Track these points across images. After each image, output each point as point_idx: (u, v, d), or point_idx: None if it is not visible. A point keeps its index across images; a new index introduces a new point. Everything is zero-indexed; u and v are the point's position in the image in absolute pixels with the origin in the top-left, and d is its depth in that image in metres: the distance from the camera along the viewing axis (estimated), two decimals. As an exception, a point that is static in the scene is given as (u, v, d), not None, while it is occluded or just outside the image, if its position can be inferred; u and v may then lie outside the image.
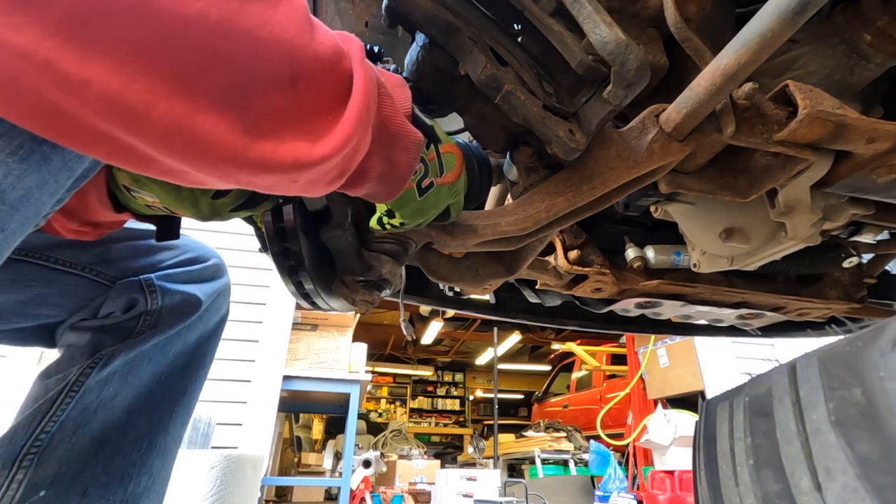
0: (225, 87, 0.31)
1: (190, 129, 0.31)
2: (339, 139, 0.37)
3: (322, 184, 0.40)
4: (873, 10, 0.62)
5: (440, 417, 12.07)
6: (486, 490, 4.21)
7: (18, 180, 0.36)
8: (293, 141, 0.35)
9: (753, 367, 4.04)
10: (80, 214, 0.60)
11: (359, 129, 0.38)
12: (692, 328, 1.41)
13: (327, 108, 0.37)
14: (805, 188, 0.67)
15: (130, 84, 0.28)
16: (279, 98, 0.34)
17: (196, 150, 0.32)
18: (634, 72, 0.50)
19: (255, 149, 0.33)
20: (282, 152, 0.34)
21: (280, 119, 0.34)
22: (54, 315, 0.75)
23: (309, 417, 6.54)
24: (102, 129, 0.30)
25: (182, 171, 0.34)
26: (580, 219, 0.66)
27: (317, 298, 0.65)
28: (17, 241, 0.39)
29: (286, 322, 3.50)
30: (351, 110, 0.37)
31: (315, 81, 0.35)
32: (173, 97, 0.30)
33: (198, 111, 0.30)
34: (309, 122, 0.36)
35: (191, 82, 0.30)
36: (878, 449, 0.52)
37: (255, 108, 0.33)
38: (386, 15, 0.54)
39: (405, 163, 0.47)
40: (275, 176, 0.35)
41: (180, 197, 0.54)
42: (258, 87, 0.33)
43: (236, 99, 0.32)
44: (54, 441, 0.64)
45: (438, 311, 6.73)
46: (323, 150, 0.36)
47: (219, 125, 0.31)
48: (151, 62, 0.29)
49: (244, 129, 0.32)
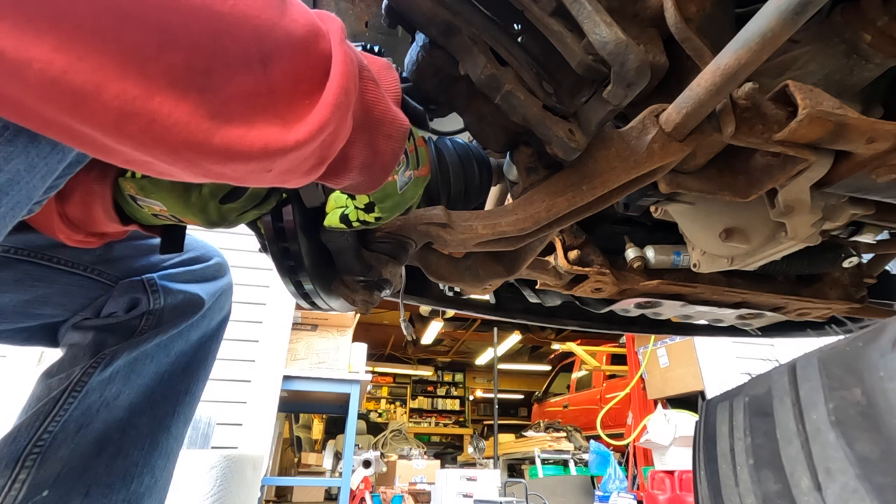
0: (185, 67, 0.29)
1: (146, 112, 0.28)
2: (315, 124, 0.34)
3: (299, 173, 0.37)
4: (873, 10, 0.62)
5: (440, 417, 12.07)
6: (486, 490, 4.20)
7: (5, 163, 0.35)
8: (264, 126, 0.32)
9: (753, 367, 4.04)
10: (86, 226, 0.60)
11: (336, 114, 0.35)
12: (692, 328, 1.41)
13: (303, 92, 0.34)
14: (805, 188, 0.67)
15: (76, 63, 0.26)
16: (248, 80, 0.31)
17: (154, 136, 0.29)
18: (634, 72, 0.50)
19: (220, 135, 0.30)
20: (251, 138, 0.32)
21: (250, 103, 0.32)
22: (57, 314, 0.75)
23: (309, 417, 6.54)
24: (48, 116, 0.27)
25: (144, 162, 0.31)
26: (580, 219, 0.66)
27: (316, 298, 0.65)
28: (8, 226, 0.37)
29: (286, 322, 3.50)
30: (328, 93, 0.35)
31: (288, 63, 0.33)
32: (126, 78, 0.27)
33: (155, 93, 0.28)
34: (284, 107, 0.33)
35: (146, 62, 0.27)
36: (878, 449, 0.52)
37: (220, 92, 0.30)
38: (386, 15, 0.54)
39: (389, 151, 0.44)
40: (245, 165, 0.33)
41: (188, 203, 0.53)
42: (222, 68, 0.30)
43: (198, 81, 0.29)
44: (57, 441, 0.65)
45: (438, 311, 6.73)
46: (297, 136, 0.33)
47: (178, 108, 0.29)
48: (99, 39, 0.26)
49: (209, 113, 0.30)
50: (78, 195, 0.57)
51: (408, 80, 0.60)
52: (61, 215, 0.58)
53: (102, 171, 0.56)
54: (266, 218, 0.58)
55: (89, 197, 0.57)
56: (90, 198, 0.57)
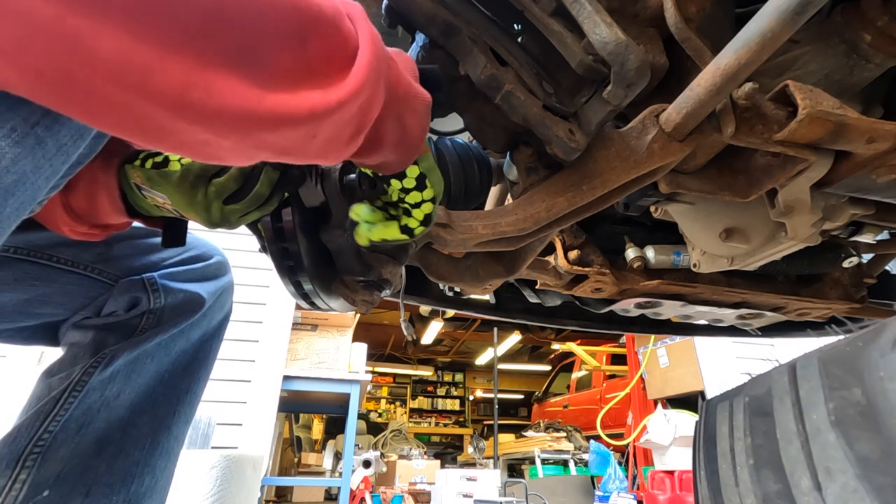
0: (236, 46, 0.32)
1: (205, 88, 0.31)
2: (354, 85, 0.37)
3: (341, 142, 0.40)
4: (873, 10, 0.62)
5: (440, 417, 12.07)
6: (486, 490, 4.20)
7: (13, 164, 0.36)
8: (307, 91, 0.35)
9: (753, 367, 4.04)
10: (91, 218, 0.60)
11: (371, 77, 0.38)
12: (692, 328, 1.41)
13: (337, 67, 0.37)
14: (805, 188, 0.67)
15: (141, 47, 0.28)
16: (290, 55, 0.34)
17: (212, 110, 0.32)
18: (634, 72, 0.50)
19: (269, 100, 0.33)
20: (297, 101, 0.34)
21: (292, 76, 0.35)
22: (57, 314, 0.75)
23: (309, 417, 6.54)
24: (115, 98, 0.29)
25: (200, 142, 0.34)
26: (580, 219, 0.66)
27: (316, 298, 0.65)
28: (12, 225, 0.39)
29: (286, 322, 3.50)
30: (362, 58, 0.38)
31: (322, 39, 0.36)
32: (185, 57, 0.30)
33: (211, 71, 0.31)
34: (322, 78, 0.36)
35: (202, 42, 0.30)
36: (878, 449, 0.52)
37: (266, 67, 0.33)
38: (386, 15, 0.54)
39: (417, 126, 0.47)
40: (293, 129, 0.35)
41: (194, 201, 0.54)
42: (268, 45, 0.33)
43: (248, 59, 0.32)
44: (57, 441, 0.65)
45: (438, 311, 6.73)
46: (339, 95, 0.36)
47: (231, 83, 0.32)
48: (159, 24, 0.29)
49: (259, 84, 0.33)
50: (83, 185, 0.57)
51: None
52: (65, 206, 0.58)
53: (106, 161, 0.56)
54: (266, 218, 0.58)
55: (94, 186, 0.57)
56: (95, 187, 0.57)
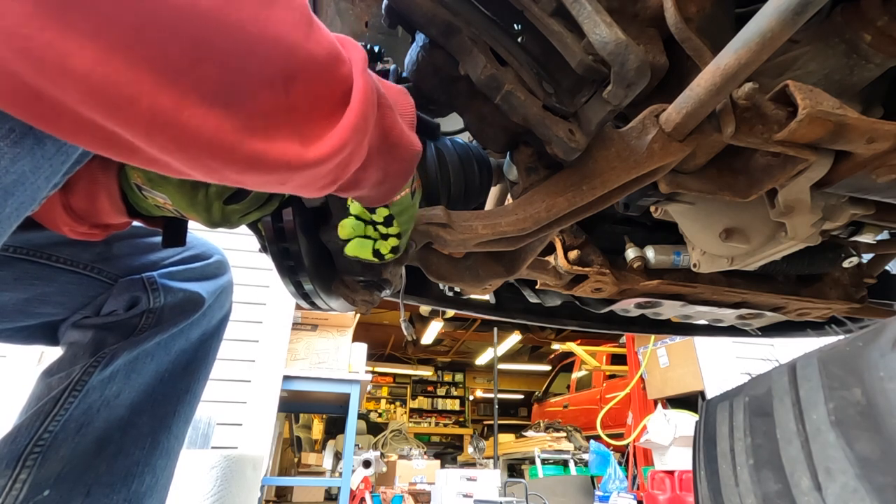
0: (215, 82, 0.30)
1: (178, 123, 0.30)
2: (334, 145, 0.36)
3: (314, 188, 0.39)
4: (873, 10, 0.62)
5: (440, 417, 12.07)
6: (486, 490, 4.20)
7: (12, 164, 0.36)
8: (284, 141, 0.34)
9: (753, 367, 4.04)
10: (91, 217, 0.60)
11: (354, 138, 0.37)
12: (692, 328, 1.41)
13: (322, 113, 0.36)
14: (805, 188, 0.67)
15: (116, 73, 0.27)
16: (270, 97, 0.33)
17: (183, 144, 0.31)
18: (634, 72, 0.50)
19: (246, 146, 0.32)
20: (274, 152, 0.33)
21: (271, 118, 0.33)
22: (57, 313, 0.75)
23: (309, 417, 6.54)
24: (85, 117, 0.29)
25: (166, 163, 0.33)
26: (580, 219, 0.66)
27: (316, 298, 0.65)
28: (13, 225, 0.39)
29: (286, 322, 3.50)
30: (349, 117, 0.37)
31: (309, 84, 0.34)
32: (161, 89, 0.29)
33: (186, 106, 0.30)
34: (303, 125, 0.35)
35: (180, 75, 0.29)
36: (878, 449, 0.52)
37: (245, 106, 0.32)
38: (386, 15, 0.54)
39: (401, 173, 0.47)
40: (264, 176, 0.34)
41: (194, 201, 0.54)
42: (248, 85, 0.32)
43: (226, 96, 0.31)
44: (58, 440, 0.65)
45: (438, 311, 6.73)
46: (316, 153, 0.35)
47: (207, 120, 0.30)
48: (138, 51, 0.28)
49: (234, 127, 0.32)
50: (82, 185, 0.57)
51: (408, 80, 0.60)
52: (65, 206, 0.58)
53: (106, 161, 0.56)
54: (266, 218, 0.58)
55: (94, 186, 0.57)
56: (95, 187, 0.57)
